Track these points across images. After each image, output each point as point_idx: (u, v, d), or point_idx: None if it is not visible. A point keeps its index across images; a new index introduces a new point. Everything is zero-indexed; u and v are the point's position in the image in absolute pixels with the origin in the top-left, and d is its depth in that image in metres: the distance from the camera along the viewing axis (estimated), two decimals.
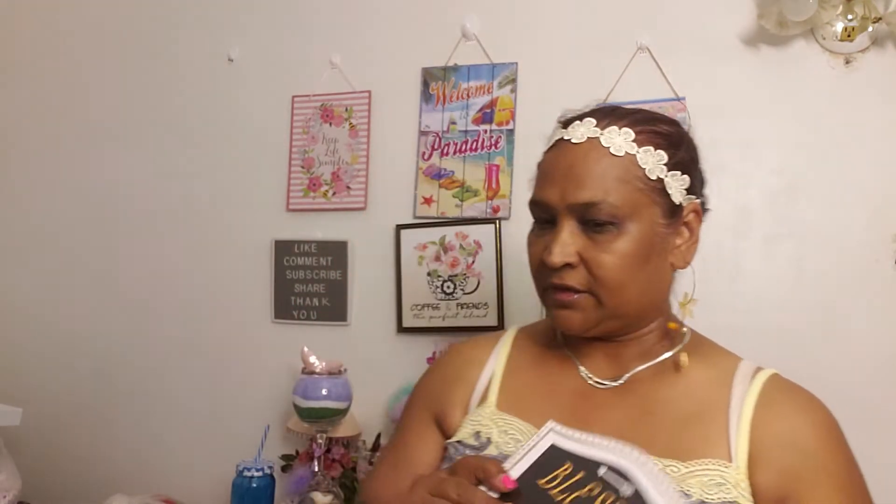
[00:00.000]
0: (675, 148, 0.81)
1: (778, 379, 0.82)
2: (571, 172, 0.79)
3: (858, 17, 1.30)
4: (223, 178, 1.73)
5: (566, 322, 0.81)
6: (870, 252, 1.31)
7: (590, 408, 0.82)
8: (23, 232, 1.92)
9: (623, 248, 0.77)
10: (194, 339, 1.73)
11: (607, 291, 0.78)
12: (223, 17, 1.76)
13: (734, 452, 0.74)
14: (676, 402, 0.80)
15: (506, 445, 0.80)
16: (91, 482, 1.76)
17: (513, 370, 0.90)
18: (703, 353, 0.84)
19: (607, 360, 0.85)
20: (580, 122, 0.81)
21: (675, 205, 0.81)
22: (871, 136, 1.32)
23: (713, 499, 0.71)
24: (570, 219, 0.79)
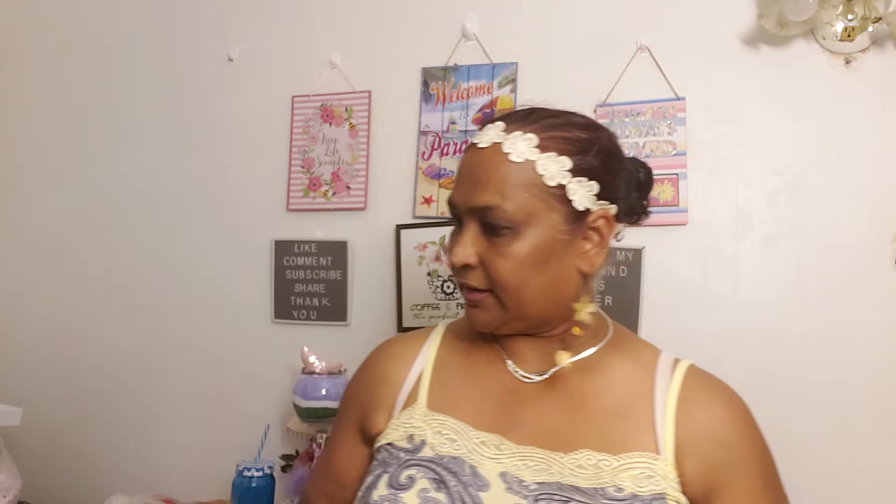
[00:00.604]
0: (582, 154, 0.81)
1: (695, 371, 0.85)
2: (473, 176, 0.81)
3: (858, 17, 1.30)
4: (223, 178, 1.73)
5: (474, 320, 0.84)
6: (870, 252, 1.31)
7: (519, 402, 0.84)
8: (23, 232, 1.92)
9: (518, 252, 0.78)
10: (194, 339, 1.73)
11: (505, 293, 0.80)
12: (223, 17, 1.76)
13: (661, 445, 0.77)
14: (602, 396, 0.82)
15: (441, 447, 0.80)
16: (91, 482, 1.76)
17: (442, 367, 0.90)
18: (625, 347, 0.87)
19: (534, 354, 0.86)
20: (492, 125, 0.83)
21: (578, 211, 0.80)
22: (871, 136, 1.32)
23: (644, 492, 0.74)
24: (473, 221, 0.81)
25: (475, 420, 0.83)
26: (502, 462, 0.78)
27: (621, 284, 1.40)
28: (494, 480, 0.76)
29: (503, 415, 0.83)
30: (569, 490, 0.74)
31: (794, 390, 1.32)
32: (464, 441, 0.81)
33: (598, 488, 0.74)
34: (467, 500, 0.75)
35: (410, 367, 0.90)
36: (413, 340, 0.94)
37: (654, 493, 0.74)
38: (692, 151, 1.40)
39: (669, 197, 1.40)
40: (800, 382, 1.33)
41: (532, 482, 0.75)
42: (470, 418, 0.83)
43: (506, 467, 0.78)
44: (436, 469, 0.78)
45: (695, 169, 1.40)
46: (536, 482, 0.75)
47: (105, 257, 1.83)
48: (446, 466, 0.78)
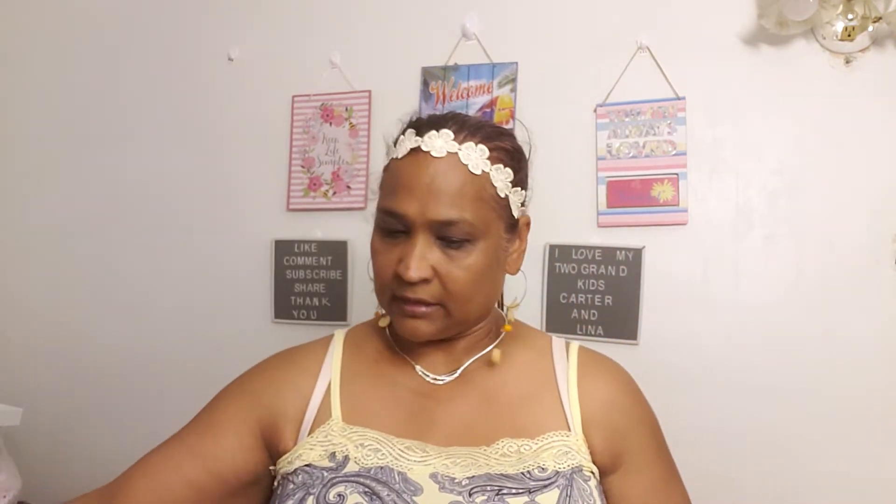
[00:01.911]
0: (517, 164, 0.86)
1: (585, 351, 0.91)
2: (432, 187, 0.79)
3: (858, 17, 1.30)
4: (223, 178, 1.73)
5: (415, 332, 0.84)
6: (870, 252, 1.31)
7: (433, 404, 0.86)
8: (22, 231, 1.92)
9: (474, 264, 0.80)
10: (194, 339, 1.73)
11: (456, 304, 0.82)
12: (223, 17, 1.76)
13: (571, 421, 0.83)
14: (510, 386, 0.86)
15: (366, 459, 0.79)
16: (91, 482, 1.75)
17: (349, 379, 0.88)
18: (520, 337, 0.92)
19: (441, 356, 0.89)
20: (437, 132, 0.81)
21: (514, 218, 0.86)
22: (871, 136, 1.32)
23: (564, 467, 0.79)
24: (427, 233, 0.80)
25: (393, 428, 0.83)
26: (430, 464, 0.79)
27: (621, 284, 1.40)
28: (426, 483, 0.77)
29: (420, 419, 0.84)
30: (498, 479, 0.77)
31: (793, 390, 1.32)
32: (388, 450, 0.80)
33: (525, 471, 0.78)
34: None
35: (316, 380, 0.88)
36: (313, 351, 0.92)
37: (572, 467, 0.79)
38: (692, 151, 1.40)
39: (669, 197, 1.40)
40: (800, 382, 1.33)
41: (463, 478, 0.77)
42: (388, 427, 0.83)
43: (435, 468, 0.78)
44: (365, 482, 0.76)
45: (695, 169, 1.40)
46: (467, 477, 0.77)
47: (105, 257, 1.83)
48: (375, 478, 0.77)
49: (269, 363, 0.94)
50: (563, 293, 1.44)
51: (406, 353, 0.90)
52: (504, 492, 0.76)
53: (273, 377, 0.91)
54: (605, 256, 1.41)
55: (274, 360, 0.95)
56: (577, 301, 1.43)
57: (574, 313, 1.43)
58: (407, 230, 0.81)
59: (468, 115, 0.87)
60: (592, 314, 1.42)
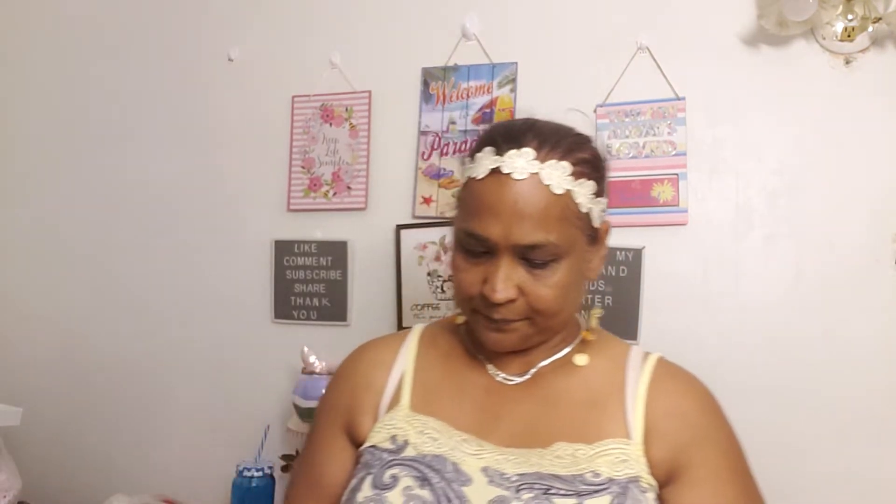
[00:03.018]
0: (598, 173, 0.84)
1: (664, 362, 0.88)
2: (515, 210, 0.78)
3: (858, 17, 1.30)
4: (223, 177, 1.73)
5: (499, 345, 0.85)
6: (870, 252, 1.31)
7: (499, 402, 0.86)
8: (22, 232, 1.92)
9: (560, 280, 0.81)
10: (194, 339, 1.73)
11: (543, 318, 0.82)
12: (223, 17, 1.76)
13: (632, 430, 0.81)
14: (577, 391, 0.85)
15: (424, 446, 0.82)
16: (91, 482, 1.76)
17: (422, 370, 0.91)
18: (598, 343, 0.91)
19: (514, 357, 0.89)
20: (517, 151, 0.79)
21: (594, 228, 0.85)
22: (871, 136, 1.32)
23: (620, 475, 0.77)
24: (511, 255, 0.80)
25: (456, 420, 0.85)
26: (483, 458, 0.80)
27: (621, 284, 1.40)
28: (476, 475, 0.78)
29: (484, 416, 0.85)
30: (549, 478, 0.77)
31: (793, 390, 1.32)
32: (445, 440, 0.82)
33: (577, 475, 0.77)
34: (451, 495, 0.77)
35: (390, 371, 0.91)
36: (388, 346, 0.95)
37: (629, 476, 0.77)
38: (692, 151, 1.40)
39: (669, 197, 1.40)
40: (799, 382, 1.33)
41: (513, 474, 0.78)
42: (451, 419, 0.85)
43: (487, 462, 0.80)
44: (419, 467, 0.80)
45: (695, 169, 1.40)
46: (518, 473, 0.78)
47: (105, 257, 1.82)
48: (429, 464, 0.80)
49: (346, 367, 0.97)
50: None
51: (479, 351, 0.91)
52: (552, 492, 0.75)
53: (348, 381, 0.94)
54: None
55: (347, 361, 0.98)
56: None
57: None
58: (490, 251, 0.81)
59: (545, 123, 0.84)
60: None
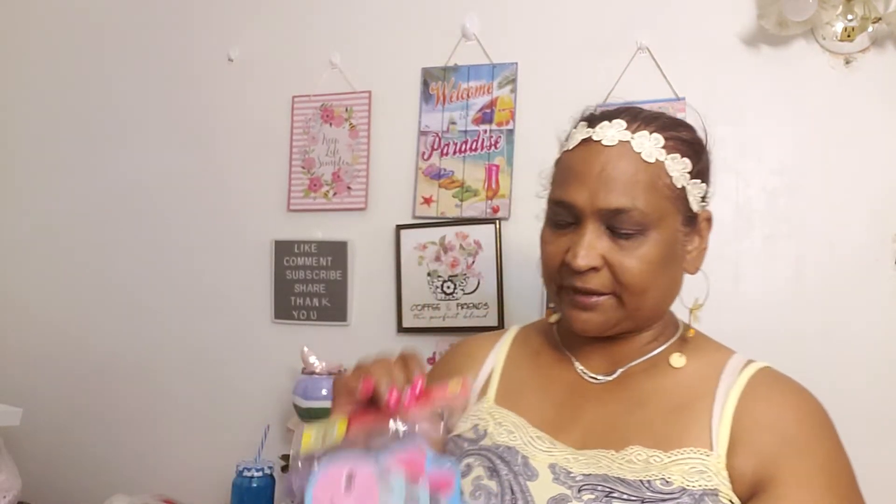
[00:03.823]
0: (697, 156, 0.82)
1: (768, 371, 0.82)
2: (602, 176, 0.78)
3: (858, 17, 1.30)
4: (223, 178, 1.73)
5: (584, 324, 0.82)
6: (870, 252, 1.31)
7: (582, 401, 0.84)
8: (22, 232, 1.92)
9: (648, 254, 0.78)
10: (194, 339, 1.73)
11: (630, 295, 0.79)
12: (223, 17, 1.76)
13: (715, 441, 0.75)
14: (665, 394, 0.81)
15: (499, 436, 0.83)
16: (91, 482, 1.76)
17: (511, 366, 0.92)
18: (695, 348, 0.86)
19: (602, 356, 0.87)
20: (609, 123, 0.81)
21: (692, 213, 0.82)
22: (871, 136, 1.32)
23: (694, 486, 0.72)
24: (596, 222, 0.78)
25: (536, 417, 0.84)
26: (553, 455, 0.79)
27: None
28: (543, 471, 0.78)
29: (564, 414, 0.84)
30: (614, 481, 0.74)
31: None
32: (520, 434, 0.82)
33: (645, 480, 0.73)
34: (515, 488, 0.77)
35: (482, 366, 0.93)
36: (486, 340, 0.97)
37: (704, 489, 0.72)
38: None
39: None
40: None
41: (579, 474, 0.76)
42: (531, 415, 0.85)
43: (556, 460, 0.79)
44: (490, 457, 0.80)
45: None
46: (583, 473, 0.76)
47: (105, 257, 1.82)
48: (500, 455, 0.80)
49: (444, 357, 1.01)
50: None
51: (568, 349, 0.90)
52: (615, 495, 0.73)
53: (444, 370, 0.97)
54: None
55: (446, 353, 1.02)
56: None
57: None
58: (576, 221, 0.80)
59: (644, 108, 0.85)
60: None
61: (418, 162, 1.57)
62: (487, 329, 1.48)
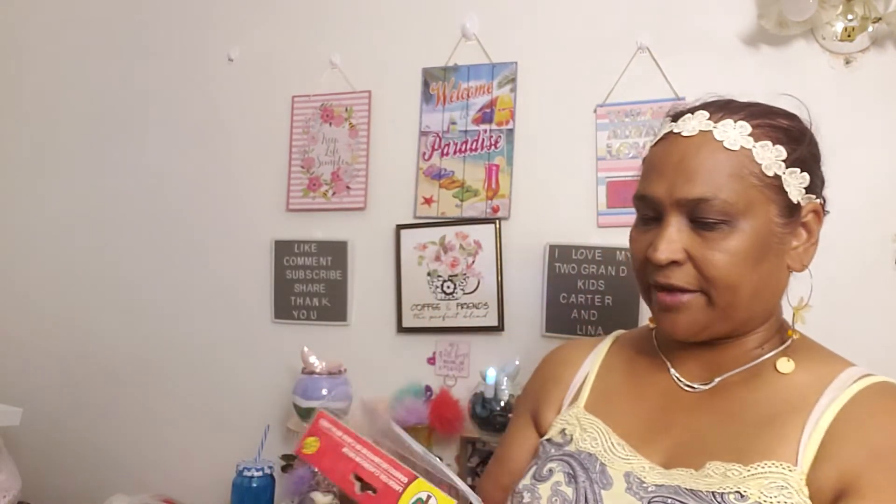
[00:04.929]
0: (795, 143, 0.78)
1: (884, 385, 0.75)
2: (681, 166, 0.75)
3: (858, 17, 1.30)
4: (223, 178, 1.73)
5: (674, 326, 0.78)
6: (870, 252, 1.31)
7: (674, 411, 0.81)
8: (23, 232, 1.92)
9: (735, 247, 0.74)
10: (194, 339, 1.73)
11: (718, 291, 0.75)
12: (223, 17, 1.76)
13: (801, 455, 0.70)
14: (762, 405, 0.76)
15: (583, 442, 0.82)
16: (91, 482, 1.76)
17: (606, 372, 0.90)
18: (807, 358, 0.79)
19: (701, 363, 0.82)
20: (692, 115, 0.79)
21: (792, 204, 0.78)
22: (871, 136, 1.32)
23: (771, 502, 0.68)
24: (678, 215, 0.76)
25: (625, 424, 0.82)
26: (631, 464, 0.77)
27: (621, 284, 1.40)
28: (618, 480, 0.76)
29: (653, 422, 0.81)
30: (685, 494, 0.71)
31: None
32: (602, 440, 0.81)
33: (718, 492, 0.69)
34: (590, 496, 0.76)
35: (577, 370, 0.91)
36: (583, 346, 0.95)
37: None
38: None
39: None
40: None
41: (651, 484, 0.74)
42: (621, 422, 0.82)
43: (632, 468, 0.77)
44: (572, 463, 0.79)
45: None
46: (656, 484, 0.74)
47: (105, 257, 1.83)
48: (581, 462, 0.79)
49: (543, 360, 1.00)
50: (563, 293, 1.44)
51: (665, 354, 0.86)
52: None
53: (542, 374, 0.97)
54: (605, 256, 1.41)
55: (548, 355, 1.00)
56: (577, 301, 1.43)
57: (574, 313, 1.43)
58: (658, 215, 0.78)
59: (739, 100, 0.81)
60: (592, 314, 1.42)
61: (419, 162, 1.57)
62: (487, 329, 1.49)
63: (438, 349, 1.53)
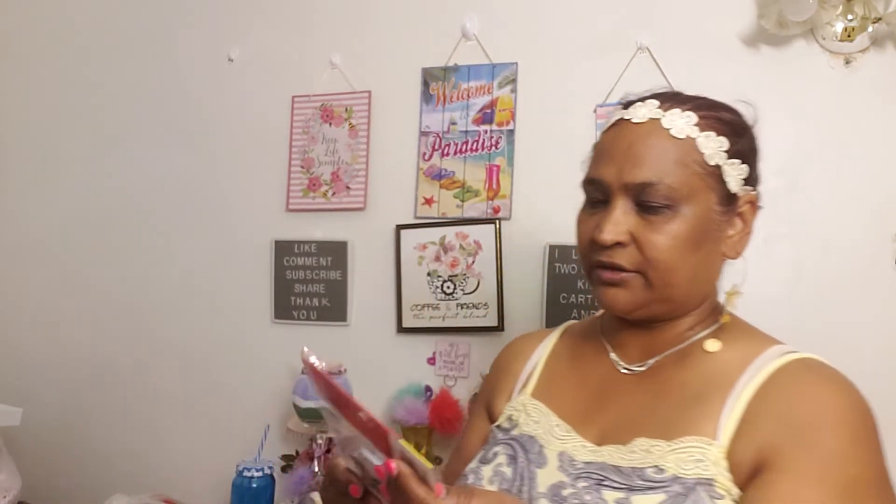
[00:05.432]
0: (737, 136, 0.81)
1: (806, 361, 0.77)
2: (630, 151, 0.79)
3: (858, 17, 1.30)
4: (223, 178, 1.73)
5: (612, 300, 0.81)
6: (870, 252, 1.31)
7: (612, 392, 0.84)
8: (23, 232, 1.92)
9: (676, 230, 0.77)
10: (194, 340, 1.73)
11: (657, 273, 0.78)
12: (223, 17, 1.76)
13: (720, 430, 0.73)
14: (690, 384, 0.79)
15: (526, 426, 0.85)
16: (91, 482, 1.76)
17: (553, 361, 0.94)
18: (734, 339, 0.82)
19: (638, 346, 0.86)
20: (642, 103, 0.82)
21: (731, 193, 0.80)
22: (871, 136, 1.32)
23: (688, 475, 0.70)
24: (625, 198, 0.79)
25: (566, 408, 0.85)
26: (566, 444, 0.81)
27: None
28: (552, 459, 0.80)
29: (592, 404, 0.84)
30: (609, 470, 0.75)
31: None
32: (544, 423, 0.85)
33: (638, 468, 0.73)
34: (525, 475, 0.79)
35: (528, 361, 0.95)
36: (534, 338, 0.99)
37: (699, 477, 0.70)
38: None
39: None
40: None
41: (581, 462, 0.78)
42: (563, 406, 0.86)
43: (566, 448, 0.80)
44: (514, 445, 0.83)
45: None
46: (585, 461, 0.78)
47: (105, 257, 1.83)
48: (523, 444, 0.83)
49: (498, 355, 1.03)
50: (563, 293, 1.44)
51: (606, 338, 0.89)
52: (606, 483, 0.73)
53: (496, 366, 1.01)
54: None
55: (502, 350, 1.03)
56: (577, 301, 1.43)
57: (574, 313, 1.43)
58: (606, 198, 0.81)
59: (687, 93, 0.84)
60: (592, 314, 1.42)
61: (419, 162, 1.57)
62: (487, 329, 1.49)
63: (438, 349, 1.53)
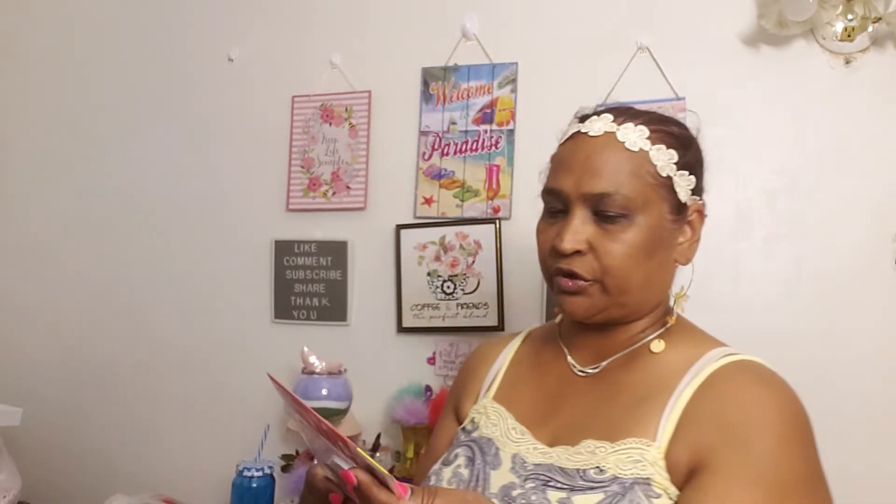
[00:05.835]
0: (684, 149, 0.85)
1: (742, 363, 0.80)
2: (588, 163, 0.82)
3: (858, 17, 1.30)
4: (223, 178, 1.73)
5: (572, 307, 0.84)
6: (870, 252, 1.31)
7: (566, 395, 0.87)
8: (23, 232, 1.92)
9: (632, 239, 0.80)
10: (194, 340, 1.73)
11: (613, 280, 0.81)
12: (223, 17, 1.77)
13: (660, 432, 0.76)
14: (637, 386, 0.82)
15: (486, 428, 0.88)
16: (91, 482, 1.76)
17: (515, 365, 0.96)
18: (679, 341, 0.86)
19: (592, 350, 0.89)
20: (597, 116, 0.85)
21: (681, 203, 0.84)
22: (871, 136, 1.32)
23: (626, 475, 0.73)
24: (583, 208, 0.82)
25: (524, 410, 0.88)
26: (520, 446, 0.83)
27: None
28: (506, 460, 0.82)
29: (547, 406, 0.87)
30: (555, 471, 0.78)
31: None
32: (501, 425, 0.87)
33: (581, 469, 0.76)
34: (481, 476, 0.82)
35: (492, 365, 0.98)
36: (499, 343, 1.02)
37: (637, 477, 0.73)
38: None
39: None
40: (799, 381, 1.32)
41: (531, 463, 0.80)
42: (521, 409, 0.88)
43: (520, 450, 0.83)
44: (473, 447, 0.86)
45: None
46: (535, 463, 0.80)
47: (105, 257, 1.83)
48: (481, 446, 0.85)
49: (467, 359, 1.05)
50: None
51: (564, 342, 0.92)
52: (551, 484, 0.76)
53: (464, 370, 1.03)
54: None
55: (470, 355, 1.05)
56: None
57: None
58: (565, 208, 0.84)
59: (637, 107, 0.88)
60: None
61: (419, 162, 1.57)
62: (487, 329, 1.49)
63: (438, 349, 1.53)
